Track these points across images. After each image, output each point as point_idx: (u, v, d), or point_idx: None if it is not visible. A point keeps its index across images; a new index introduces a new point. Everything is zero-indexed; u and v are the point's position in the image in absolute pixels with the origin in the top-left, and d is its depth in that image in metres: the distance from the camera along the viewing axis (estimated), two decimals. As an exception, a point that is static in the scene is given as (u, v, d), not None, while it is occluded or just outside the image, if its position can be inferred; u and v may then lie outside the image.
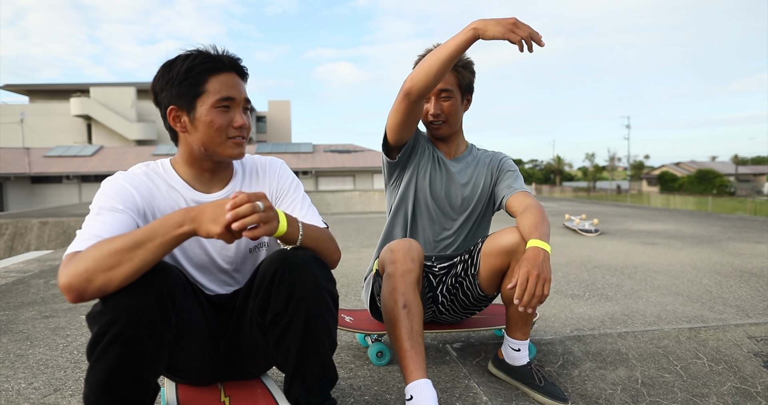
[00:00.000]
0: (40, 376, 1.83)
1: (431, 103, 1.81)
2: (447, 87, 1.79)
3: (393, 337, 1.51)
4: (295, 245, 1.20)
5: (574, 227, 6.71)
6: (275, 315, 1.19)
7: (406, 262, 1.55)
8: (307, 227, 1.22)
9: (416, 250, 1.59)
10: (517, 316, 1.70)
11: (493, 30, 1.43)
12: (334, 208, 19.80)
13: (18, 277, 3.78)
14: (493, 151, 2.00)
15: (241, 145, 1.28)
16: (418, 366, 1.44)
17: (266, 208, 1.06)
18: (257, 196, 1.06)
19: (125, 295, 1.01)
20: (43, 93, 36.89)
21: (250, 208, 1.02)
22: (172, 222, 1.03)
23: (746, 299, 2.93)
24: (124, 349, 1.00)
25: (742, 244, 5.31)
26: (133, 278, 1.01)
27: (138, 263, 1.00)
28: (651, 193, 42.18)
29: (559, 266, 4.08)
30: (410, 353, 1.45)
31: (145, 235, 1.02)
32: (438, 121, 1.83)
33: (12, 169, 25.13)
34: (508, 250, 1.65)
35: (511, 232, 1.66)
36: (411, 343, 1.47)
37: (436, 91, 1.79)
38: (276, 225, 1.09)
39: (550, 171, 73.23)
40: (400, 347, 1.47)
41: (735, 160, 62.22)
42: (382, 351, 1.93)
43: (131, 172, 1.28)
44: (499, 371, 1.81)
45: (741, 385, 1.83)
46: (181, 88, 1.22)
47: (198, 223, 1.03)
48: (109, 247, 1.00)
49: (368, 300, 1.91)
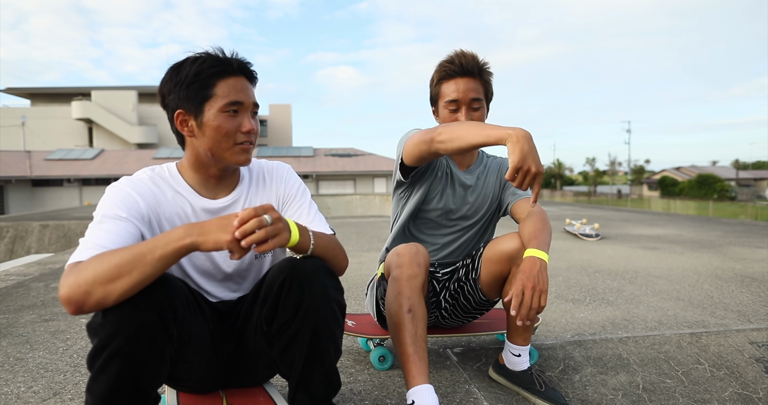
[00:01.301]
0: (39, 380, 1.83)
1: (462, 113, 1.75)
2: (479, 96, 1.76)
3: (396, 341, 1.51)
4: (306, 254, 1.19)
5: (574, 232, 6.71)
6: (282, 324, 1.18)
7: (412, 267, 1.55)
8: (317, 236, 1.20)
9: (422, 255, 1.59)
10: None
11: (522, 148, 1.32)
12: (334, 212, 19.79)
13: (18, 280, 3.77)
14: (501, 158, 1.98)
15: (248, 151, 1.27)
16: (421, 371, 1.44)
17: (274, 220, 1.04)
18: (264, 208, 1.04)
19: (126, 308, 0.99)
20: (44, 96, 37.01)
21: (256, 224, 1.00)
22: (175, 235, 1.02)
23: (747, 304, 2.92)
24: (125, 363, 0.99)
25: (743, 249, 5.30)
26: (133, 292, 0.99)
27: (137, 277, 0.98)
28: (652, 197, 42.20)
29: (559, 271, 4.07)
30: (413, 358, 1.45)
31: (146, 247, 1.00)
32: None
33: (13, 172, 25.16)
34: (508, 257, 1.64)
35: (512, 238, 1.65)
36: (414, 347, 1.46)
37: (468, 101, 1.74)
38: (287, 236, 1.08)
39: (551, 175, 73.21)
40: (404, 351, 1.47)
41: (736, 164, 62.24)
42: (384, 355, 1.93)
43: (136, 177, 1.26)
44: (499, 376, 1.80)
45: (743, 391, 1.82)
46: (189, 92, 1.21)
47: (205, 235, 1.01)
48: (109, 259, 0.99)
49: (374, 306, 1.90)
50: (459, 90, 1.74)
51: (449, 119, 1.77)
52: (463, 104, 1.75)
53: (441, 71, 1.78)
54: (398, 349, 1.50)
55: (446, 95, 1.76)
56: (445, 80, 1.78)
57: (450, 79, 1.76)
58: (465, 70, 1.74)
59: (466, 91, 1.74)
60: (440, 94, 1.79)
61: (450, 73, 1.75)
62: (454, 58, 1.75)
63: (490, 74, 1.80)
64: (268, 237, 1.02)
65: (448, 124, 1.53)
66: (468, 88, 1.74)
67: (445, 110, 1.78)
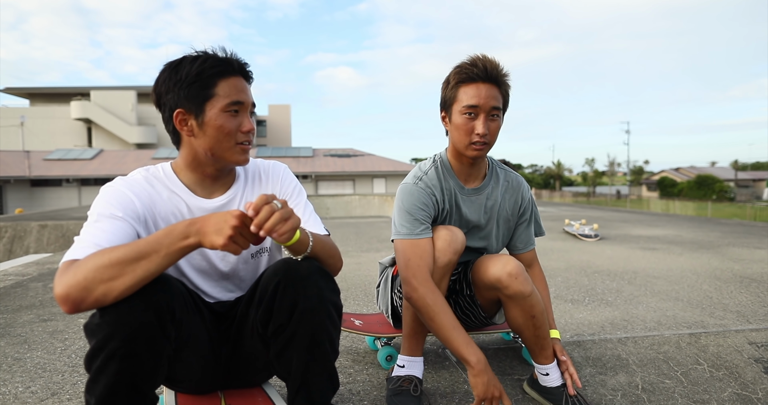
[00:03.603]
0: (37, 380, 1.82)
1: (480, 121, 1.58)
2: (498, 105, 1.60)
3: (409, 316, 1.68)
4: (304, 255, 1.18)
5: (573, 232, 6.71)
6: (278, 327, 1.17)
7: (448, 253, 1.61)
8: (314, 237, 1.20)
9: (460, 241, 1.64)
10: (530, 343, 1.65)
11: (483, 381, 1.46)
12: (333, 213, 19.79)
13: (16, 280, 3.77)
14: (515, 175, 1.85)
15: (247, 151, 1.27)
16: (420, 346, 1.71)
17: (282, 204, 1.04)
18: (268, 197, 1.03)
19: (123, 309, 0.98)
20: (43, 96, 36.96)
21: (269, 211, 1.00)
22: (178, 233, 1.01)
23: (746, 305, 2.92)
24: (122, 364, 0.99)
25: (741, 250, 5.31)
26: (134, 290, 0.99)
27: (140, 274, 0.98)
28: (650, 198, 42.23)
29: (558, 271, 4.07)
30: (418, 335, 1.70)
31: (150, 246, 0.99)
32: (482, 142, 1.60)
33: (12, 172, 25.13)
34: (491, 286, 1.62)
35: (494, 264, 1.60)
36: (423, 326, 1.68)
37: (488, 109, 1.57)
38: (298, 219, 1.07)
39: (550, 176, 73.24)
40: (413, 327, 1.69)
41: (734, 165, 62.25)
42: (391, 355, 1.93)
43: (131, 177, 1.25)
44: (532, 390, 1.73)
45: (742, 392, 1.82)
46: (190, 91, 1.20)
47: (202, 235, 1.01)
48: (111, 256, 0.98)
49: (388, 304, 1.89)
50: (480, 95, 1.56)
51: (464, 126, 1.59)
52: (482, 112, 1.58)
53: (461, 73, 1.59)
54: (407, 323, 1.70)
55: (464, 100, 1.59)
56: (464, 83, 1.59)
57: (471, 83, 1.58)
58: (489, 75, 1.58)
59: (487, 98, 1.57)
60: (456, 98, 1.61)
61: (472, 77, 1.58)
62: (477, 61, 1.59)
63: (509, 86, 1.65)
64: (282, 219, 1.01)
65: (433, 300, 1.52)
66: (490, 95, 1.57)
67: (461, 116, 1.60)
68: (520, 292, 1.56)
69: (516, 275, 1.56)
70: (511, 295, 1.57)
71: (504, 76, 1.61)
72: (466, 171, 1.74)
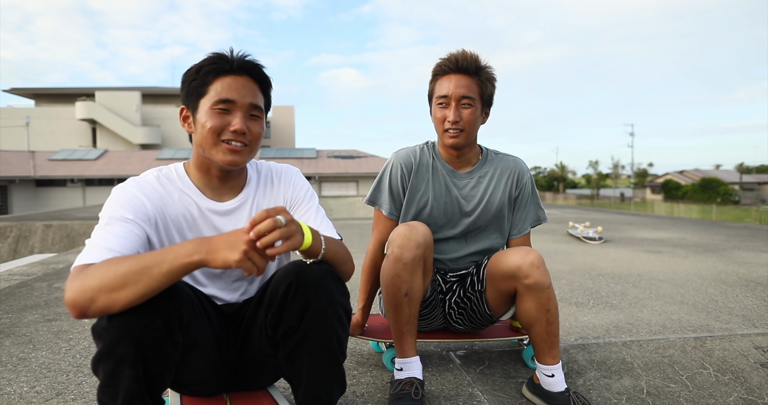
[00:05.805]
0: (42, 380, 1.83)
1: (451, 109, 1.70)
2: (469, 94, 1.69)
3: (392, 318, 1.67)
4: (316, 259, 1.16)
5: (577, 235, 6.69)
6: (287, 329, 1.16)
7: (410, 248, 1.59)
8: (327, 240, 1.19)
9: (421, 233, 1.62)
10: (539, 339, 1.64)
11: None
12: (336, 214, 19.80)
13: (21, 280, 3.78)
14: (513, 158, 1.89)
15: (235, 151, 1.23)
16: (411, 346, 1.68)
17: (288, 222, 1.02)
18: (277, 210, 1.01)
19: (131, 314, 0.98)
20: (48, 97, 37.14)
21: (271, 224, 0.97)
22: (184, 250, 0.98)
23: (752, 309, 2.90)
24: (129, 369, 0.98)
25: (747, 253, 5.28)
26: (137, 303, 0.97)
27: (142, 289, 0.96)
28: (655, 201, 42.05)
29: (562, 274, 4.06)
30: (406, 335, 1.67)
31: (154, 259, 0.98)
32: (455, 129, 1.71)
33: (17, 172, 25.24)
34: (510, 275, 1.63)
35: (515, 254, 1.63)
36: (408, 326, 1.66)
37: (458, 97, 1.69)
38: (300, 239, 1.05)
39: (554, 178, 73.08)
40: (399, 329, 1.66)
41: (739, 168, 61.91)
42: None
43: (143, 178, 1.26)
44: (534, 396, 1.68)
45: (748, 396, 1.81)
46: (190, 88, 1.24)
47: (213, 253, 0.97)
48: (117, 268, 0.97)
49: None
50: (450, 86, 1.70)
51: (438, 116, 1.73)
52: (453, 100, 1.70)
53: (436, 68, 1.75)
54: (393, 326, 1.67)
55: (437, 91, 1.74)
56: (439, 77, 1.75)
57: (443, 76, 1.73)
58: (459, 67, 1.70)
59: (457, 87, 1.69)
60: (434, 90, 1.76)
61: (444, 70, 1.73)
62: (451, 56, 1.72)
63: (490, 76, 1.74)
64: (282, 238, 0.99)
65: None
66: (459, 84, 1.69)
67: (436, 107, 1.75)
68: (540, 283, 1.58)
69: (538, 265, 1.59)
70: (530, 286, 1.59)
71: (479, 66, 1.71)
72: (455, 160, 1.83)
